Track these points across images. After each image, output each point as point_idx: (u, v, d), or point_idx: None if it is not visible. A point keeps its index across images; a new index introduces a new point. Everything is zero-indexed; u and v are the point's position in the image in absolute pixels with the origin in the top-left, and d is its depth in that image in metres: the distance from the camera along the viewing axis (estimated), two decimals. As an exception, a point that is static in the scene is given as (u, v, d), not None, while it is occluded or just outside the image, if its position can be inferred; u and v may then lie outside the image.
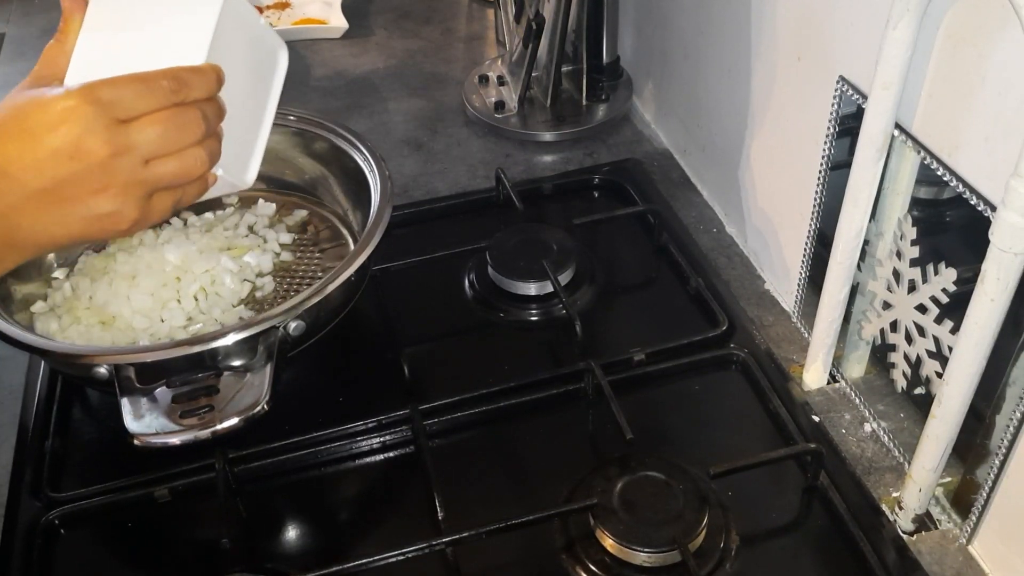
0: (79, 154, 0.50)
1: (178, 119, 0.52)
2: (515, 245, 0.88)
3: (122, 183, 0.52)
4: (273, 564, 0.67)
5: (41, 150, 0.50)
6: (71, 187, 0.51)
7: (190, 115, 0.53)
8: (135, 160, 0.51)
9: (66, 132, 0.49)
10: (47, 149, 0.50)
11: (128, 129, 0.51)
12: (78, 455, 0.76)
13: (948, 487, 0.68)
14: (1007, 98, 0.54)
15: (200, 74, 0.53)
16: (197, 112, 0.53)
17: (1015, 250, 0.52)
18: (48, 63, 0.55)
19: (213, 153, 0.55)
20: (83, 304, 0.78)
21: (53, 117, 0.50)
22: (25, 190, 0.50)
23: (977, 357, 0.58)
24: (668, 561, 0.63)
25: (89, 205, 0.52)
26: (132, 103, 0.51)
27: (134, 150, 0.51)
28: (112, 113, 0.50)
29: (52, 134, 0.49)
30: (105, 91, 0.50)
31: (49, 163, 0.50)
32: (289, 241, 0.87)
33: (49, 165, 0.50)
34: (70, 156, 0.50)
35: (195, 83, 0.53)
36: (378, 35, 1.33)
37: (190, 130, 0.53)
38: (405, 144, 1.10)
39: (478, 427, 0.76)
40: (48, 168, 0.50)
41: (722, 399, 0.78)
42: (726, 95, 0.91)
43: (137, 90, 0.51)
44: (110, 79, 0.51)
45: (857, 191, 0.66)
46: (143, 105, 0.51)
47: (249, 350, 0.67)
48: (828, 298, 0.73)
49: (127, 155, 0.51)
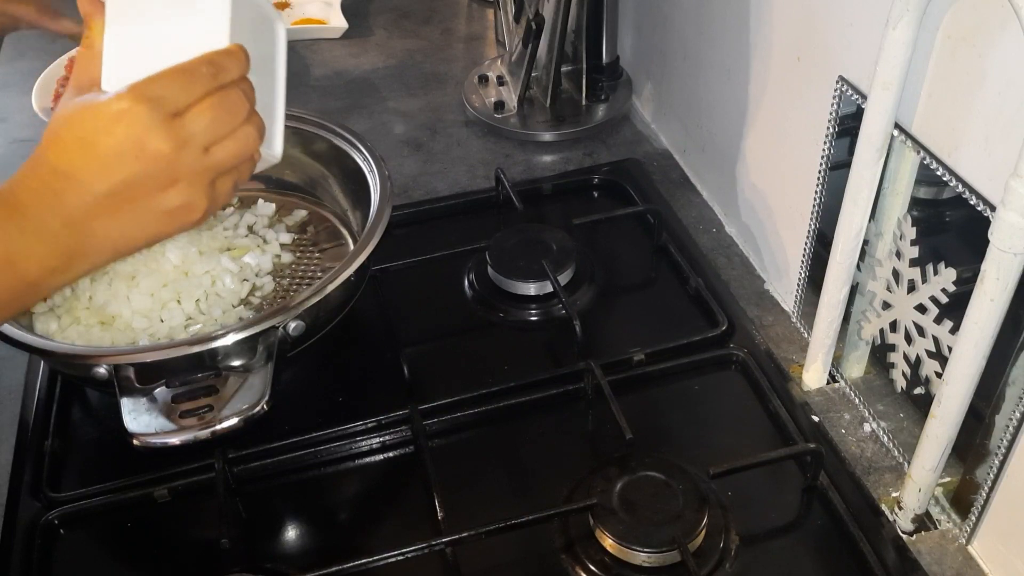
0: (144, 154, 0.51)
1: (225, 103, 0.53)
2: (515, 245, 0.88)
3: (188, 174, 0.53)
4: (273, 564, 0.67)
5: (104, 154, 0.50)
6: (140, 186, 0.52)
7: (234, 96, 0.54)
8: (196, 150, 0.52)
9: (126, 134, 0.50)
10: (110, 152, 0.50)
11: (183, 121, 0.52)
12: (78, 455, 0.76)
13: (948, 487, 0.68)
14: (1007, 98, 0.54)
15: (231, 56, 0.54)
16: (239, 92, 0.54)
17: (1015, 250, 0.52)
18: (83, 70, 0.55)
19: (260, 128, 0.56)
20: (83, 304, 0.78)
21: (108, 121, 0.50)
22: (95, 194, 0.51)
23: (977, 357, 0.58)
24: (668, 561, 0.63)
25: (160, 201, 0.53)
26: (180, 95, 0.52)
27: (193, 140, 0.52)
28: (164, 109, 0.51)
29: (111, 137, 0.50)
30: (152, 88, 0.51)
31: (115, 165, 0.51)
32: (289, 241, 0.87)
33: (115, 167, 0.51)
34: (135, 156, 0.51)
35: (230, 65, 0.54)
36: (378, 35, 1.33)
37: (237, 110, 0.54)
38: (405, 144, 1.10)
39: (478, 427, 0.76)
40: (115, 170, 0.51)
41: (722, 399, 0.78)
42: (726, 95, 0.91)
43: (181, 82, 0.52)
44: (154, 76, 0.51)
45: (857, 191, 0.66)
46: (190, 95, 0.52)
47: (249, 350, 0.67)
48: (828, 298, 0.73)
49: (188, 146, 0.52)
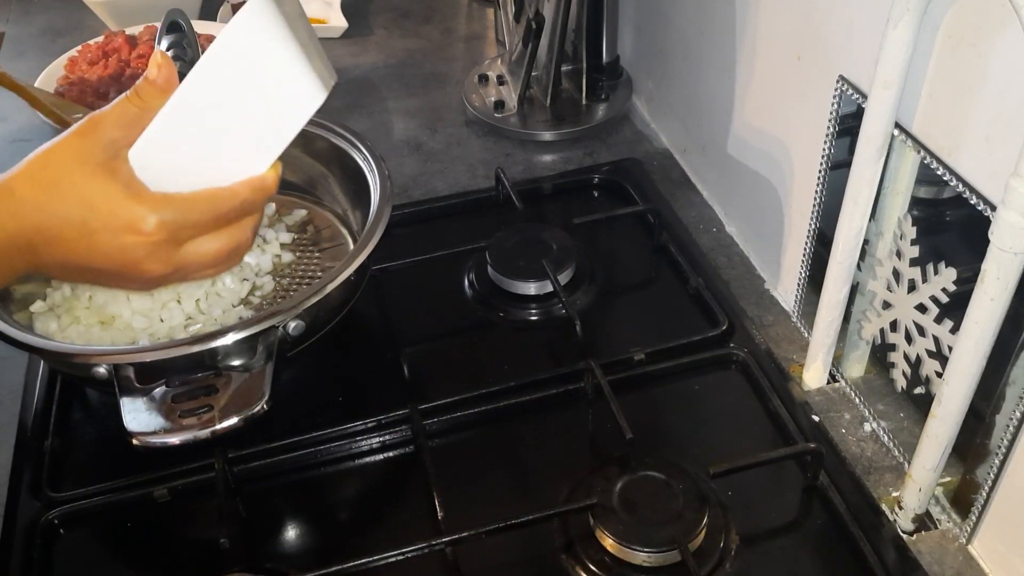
0: (132, 270, 0.53)
1: (232, 242, 0.56)
2: (515, 245, 0.88)
3: (159, 284, 0.56)
4: (273, 564, 0.67)
5: (97, 250, 0.52)
6: (110, 279, 0.55)
7: (242, 237, 0.56)
8: (180, 276, 0.56)
9: (127, 249, 0.52)
10: (103, 253, 0.52)
11: (184, 251, 0.54)
12: (78, 455, 0.76)
13: (948, 487, 0.68)
14: (1007, 98, 0.54)
15: (263, 191, 0.55)
16: (250, 234, 0.56)
17: (1015, 250, 0.52)
18: (121, 125, 0.53)
19: (244, 252, 0.59)
20: (82, 304, 0.78)
21: (120, 227, 0.52)
22: (66, 264, 0.53)
23: (977, 357, 0.58)
24: (668, 561, 0.63)
25: (121, 286, 0.57)
26: (196, 229, 0.54)
27: (183, 269, 0.55)
28: (175, 239, 0.53)
29: (113, 240, 0.52)
30: (176, 216, 0.52)
31: (100, 262, 0.53)
32: (289, 241, 0.87)
33: (99, 263, 0.53)
34: (123, 266, 0.53)
35: (257, 203, 0.55)
36: (378, 35, 1.33)
37: (239, 254, 0.56)
38: (405, 144, 1.10)
39: (478, 427, 0.76)
40: (98, 264, 0.53)
41: (722, 399, 0.78)
42: (726, 95, 0.91)
43: (205, 217, 0.53)
44: (182, 202, 0.53)
45: (857, 191, 0.66)
46: (205, 230, 0.54)
47: (249, 350, 0.67)
48: (828, 298, 0.73)
49: (175, 274, 0.55)
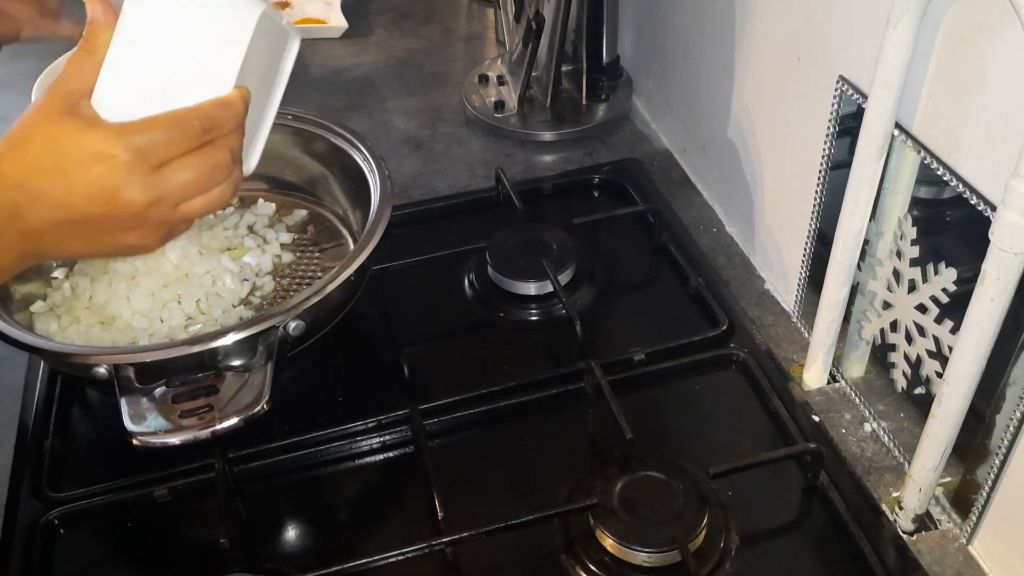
0: (115, 201, 0.51)
1: (208, 161, 0.53)
2: (515, 245, 0.88)
3: (153, 223, 0.53)
4: (273, 564, 0.67)
5: (75, 189, 0.50)
6: (101, 225, 0.52)
7: (220, 156, 0.54)
8: (168, 205, 0.53)
9: (102, 177, 0.50)
10: (82, 189, 0.50)
11: (162, 175, 0.52)
12: (78, 455, 0.76)
13: (948, 487, 0.68)
14: (1007, 98, 0.54)
15: (229, 107, 0.53)
16: (227, 153, 0.54)
17: (1015, 250, 0.52)
18: (77, 74, 0.53)
19: (237, 183, 0.56)
20: (83, 304, 0.78)
21: (88, 158, 0.50)
22: (56, 220, 0.51)
23: (977, 357, 0.58)
24: (668, 561, 0.63)
25: (117, 238, 0.53)
26: (166, 148, 0.52)
27: (167, 196, 0.52)
28: (147, 161, 0.51)
29: (87, 175, 0.50)
30: (140, 138, 0.51)
31: (83, 202, 0.51)
32: (289, 241, 0.87)
33: (83, 204, 0.51)
34: (106, 201, 0.51)
35: (224, 119, 0.53)
36: (378, 35, 1.33)
37: (218, 171, 0.54)
38: (405, 144, 1.10)
39: (478, 427, 0.76)
40: (82, 206, 0.51)
41: (722, 399, 0.78)
42: (726, 95, 0.91)
43: (171, 134, 0.52)
44: (143, 123, 0.51)
45: (857, 191, 0.66)
46: (176, 149, 0.52)
47: (249, 350, 0.67)
48: (828, 298, 0.73)
49: (161, 202, 0.52)
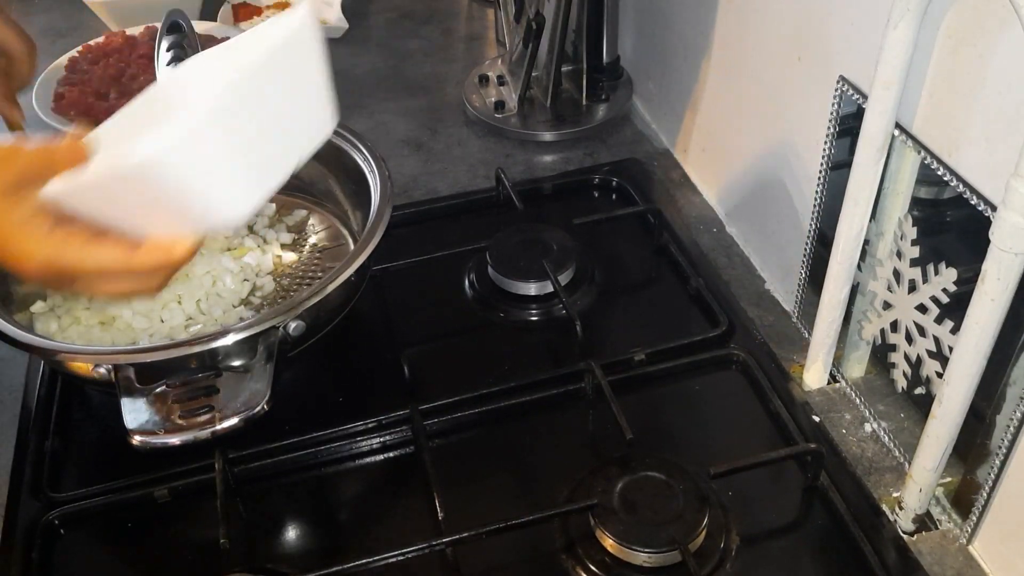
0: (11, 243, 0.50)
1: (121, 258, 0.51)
2: (515, 245, 0.88)
3: (44, 264, 0.51)
4: (273, 564, 0.67)
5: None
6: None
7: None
8: (66, 266, 0.51)
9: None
10: None
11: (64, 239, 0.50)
12: (78, 455, 0.76)
13: (948, 487, 0.68)
14: (1007, 98, 0.54)
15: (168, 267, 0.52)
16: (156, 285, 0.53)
17: (1015, 250, 0.52)
18: (43, 166, 0.51)
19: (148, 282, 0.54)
20: (82, 304, 0.78)
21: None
22: None
23: (977, 357, 0.58)
24: (668, 561, 0.63)
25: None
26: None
27: (64, 259, 0.50)
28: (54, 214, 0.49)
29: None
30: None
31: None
32: (289, 241, 0.87)
33: None
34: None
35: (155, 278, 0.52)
36: (378, 35, 1.33)
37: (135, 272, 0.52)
38: (405, 144, 1.10)
39: (478, 427, 0.76)
40: None
41: (722, 399, 0.78)
42: (726, 95, 0.91)
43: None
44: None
45: (857, 191, 0.66)
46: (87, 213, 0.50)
47: (249, 350, 0.67)
48: (828, 298, 0.73)
49: (57, 262, 0.50)
